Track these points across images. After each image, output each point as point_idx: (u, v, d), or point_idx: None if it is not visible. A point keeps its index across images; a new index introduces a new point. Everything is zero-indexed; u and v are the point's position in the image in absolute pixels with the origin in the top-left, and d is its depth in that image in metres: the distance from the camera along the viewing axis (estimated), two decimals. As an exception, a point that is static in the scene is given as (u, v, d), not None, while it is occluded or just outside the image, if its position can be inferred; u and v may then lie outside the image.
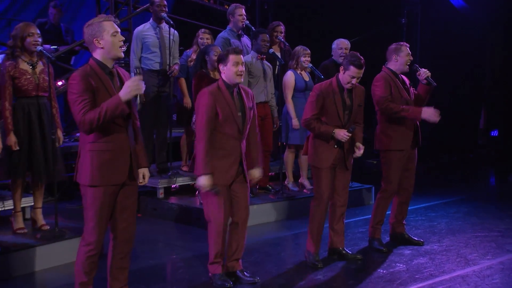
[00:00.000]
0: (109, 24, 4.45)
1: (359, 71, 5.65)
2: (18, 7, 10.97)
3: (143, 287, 5.39)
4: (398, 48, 6.37)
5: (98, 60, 4.44)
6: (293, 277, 5.68)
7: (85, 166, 4.40)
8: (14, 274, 5.60)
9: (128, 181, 4.53)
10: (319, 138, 5.81)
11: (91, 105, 4.26)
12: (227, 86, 5.20)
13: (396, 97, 6.21)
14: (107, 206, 4.44)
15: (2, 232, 6.10)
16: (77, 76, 4.34)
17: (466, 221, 7.73)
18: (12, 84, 5.86)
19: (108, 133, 4.39)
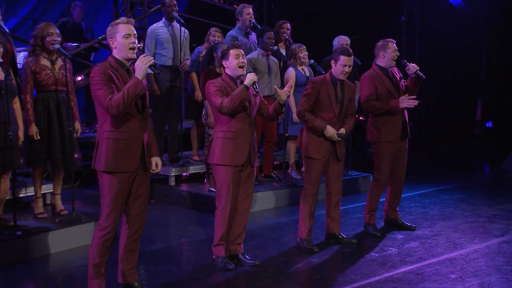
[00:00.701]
0: (123, 27, 4.52)
1: (349, 58, 5.76)
2: (43, 8, 11.03)
3: (151, 268, 5.46)
4: (385, 45, 6.38)
5: (116, 58, 4.54)
6: (291, 260, 5.74)
7: (101, 153, 4.48)
8: (34, 255, 5.68)
9: (141, 172, 4.59)
10: (312, 131, 5.87)
11: (112, 90, 4.36)
12: (230, 78, 5.29)
13: (383, 92, 6.26)
14: (122, 194, 4.51)
15: (23, 217, 6.16)
16: (97, 69, 4.45)
17: (457, 207, 7.74)
18: (33, 79, 5.96)
19: (123, 124, 4.47)
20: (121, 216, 4.59)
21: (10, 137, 5.53)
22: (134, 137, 4.51)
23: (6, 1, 10.23)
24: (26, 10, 10.81)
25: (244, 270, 5.40)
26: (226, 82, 5.27)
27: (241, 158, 5.29)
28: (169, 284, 5.08)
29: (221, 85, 5.24)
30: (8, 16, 10.27)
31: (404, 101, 6.15)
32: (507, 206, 7.76)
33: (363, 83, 6.38)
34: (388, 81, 6.32)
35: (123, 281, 4.75)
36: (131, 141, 4.49)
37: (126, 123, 4.47)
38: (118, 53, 4.53)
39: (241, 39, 8.19)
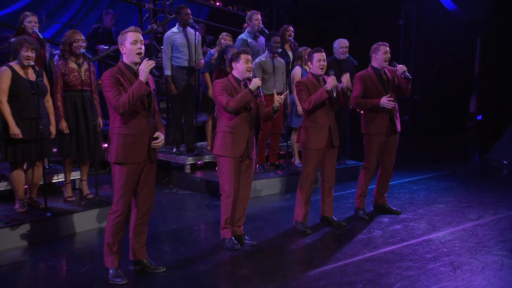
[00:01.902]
0: (131, 34, 4.59)
1: (321, 53, 5.85)
2: (81, 15, 11.15)
3: (162, 247, 5.54)
4: (376, 48, 6.37)
5: (125, 63, 4.60)
6: (286, 240, 5.77)
7: (113, 146, 4.56)
8: (61, 234, 5.80)
9: (148, 163, 4.64)
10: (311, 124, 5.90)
11: (120, 91, 4.43)
12: (235, 79, 5.34)
13: (372, 90, 6.27)
14: (131, 182, 4.57)
15: (55, 199, 6.27)
16: (107, 74, 4.53)
17: (442, 193, 7.69)
18: (62, 80, 6.07)
19: (131, 121, 4.52)
20: (130, 202, 4.65)
21: (41, 130, 5.64)
22: (141, 132, 4.56)
23: (48, 10, 10.32)
24: (66, 17, 10.93)
25: (244, 249, 5.45)
26: (232, 83, 5.32)
27: (239, 150, 5.33)
28: (175, 261, 5.14)
29: (226, 85, 5.29)
30: (50, 23, 10.40)
31: (383, 101, 6.15)
32: (487, 192, 7.68)
33: (354, 82, 6.40)
34: (378, 80, 6.31)
35: (133, 258, 4.86)
36: (139, 136, 4.55)
37: (134, 120, 4.53)
38: (127, 57, 4.61)
39: (250, 41, 8.22)
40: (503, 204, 7.09)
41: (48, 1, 10.53)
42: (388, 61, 6.37)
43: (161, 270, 4.84)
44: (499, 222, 6.33)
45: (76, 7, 10.99)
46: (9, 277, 4.87)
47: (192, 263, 5.08)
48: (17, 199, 5.94)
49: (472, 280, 4.70)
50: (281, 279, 4.72)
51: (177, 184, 7.96)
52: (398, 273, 4.86)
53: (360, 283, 4.65)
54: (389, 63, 6.45)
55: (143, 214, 4.78)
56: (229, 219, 5.41)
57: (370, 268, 4.98)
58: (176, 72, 7.77)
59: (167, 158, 8.13)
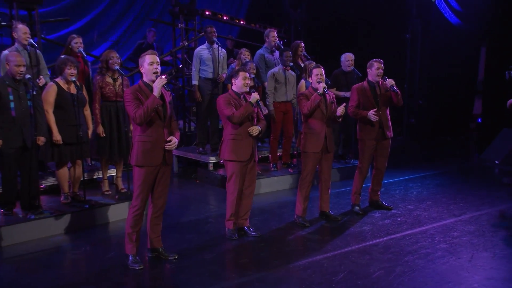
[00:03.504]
0: (149, 57, 4.71)
1: (319, 69, 5.89)
2: (129, 34, 11.34)
3: (178, 236, 5.64)
4: (371, 64, 6.34)
5: (144, 81, 4.72)
6: (286, 232, 5.79)
7: (133, 151, 4.70)
8: (97, 223, 5.99)
9: (163, 166, 4.75)
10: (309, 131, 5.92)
11: (139, 105, 4.55)
12: (235, 93, 5.41)
13: (365, 101, 6.25)
14: (148, 182, 4.69)
15: (94, 193, 6.46)
16: (128, 91, 4.67)
17: (433, 190, 7.56)
18: (100, 92, 6.26)
19: (149, 129, 4.65)
20: (147, 198, 4.78)
21: (80, 135, 5.84)
22: (157, 140, 4.68)
23: (99, 30, 10.59)
24: (115, 35, 11.15)
25: (248, 239, 5.52)
26: (233, 96, 5.40)
27: (246, 154, 5.41)
28: (188, 249, 5.23)
29: (229, 99, 5.37)
30: (101, 41, 10.67)
31: (369, 114, 6.13)
32: (475, 191, 7.52)
33: (351, 93, 6.43)
34: (371, 93, 6.27)
35: (150, 246, 4.99)
36: (155, 142, 4.67)
37: (151, 129, 4.66)
38: (145, 76, 4.73)
39: (267, 56, 8.26)
40: (487, 201, 6.94)
41: (100, 23, 10.77)
42: (381, 75, 6.31)
43: (173, 257, 4.96)
44: (479, 218, 6.21)
45: (124, 28, 11.21)
46: (51, 258, 5.07)
47: (201, 252, 5.16)
48: (62, 192, 6.16)
49: (440, 271, 4.66)
50: (274, 268, 4.77)
51: (202, 180, 8.06)
52: (377, 264, 4.85)
53: (342, 272, 4.66)
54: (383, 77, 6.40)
55: (158, 209, 4.90)
56: (234, 213, 5.49)
57: (354, 259, 4.98)
58: (202, 82, 7.89)
59: (195, 157, 8.27)
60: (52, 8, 9.82)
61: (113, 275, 4.63)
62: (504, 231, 5.75)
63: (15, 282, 4.54)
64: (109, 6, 10.93)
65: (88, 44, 10.15)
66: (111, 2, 10.96)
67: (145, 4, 11.38)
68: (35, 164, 5.70)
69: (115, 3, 11.02)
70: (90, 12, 10.61)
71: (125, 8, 11.17)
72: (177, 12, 8.74)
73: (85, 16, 10.51)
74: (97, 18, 10.73)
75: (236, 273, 4.71)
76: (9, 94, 5.41)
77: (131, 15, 11.22)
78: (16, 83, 5.45)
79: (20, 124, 5.44)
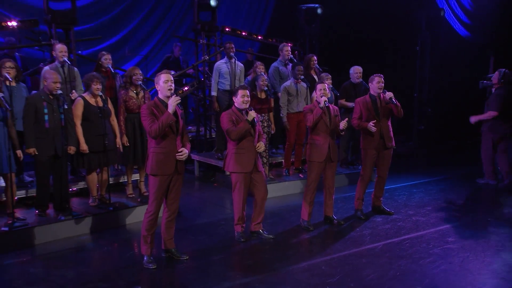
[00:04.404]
0: (164, 76, 4.81)
1: (322, 84, 5.95)
2: (158, 48, 11.48)
3: (191, 237, 5.72)
4: (372, 78, 6.32)
5: (160, 98, 4.82)
6: (290, 235, 5.80)
7: (149, 162, 4.81)
8: (120, 224, 6.11)
9: (175, 175, 4.84)
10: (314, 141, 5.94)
11: (154, 121, 4.66)
12: (238, 109, 5.46)
13: (367, 114, 6.22)
14: (161, 189, 4.79)
15: (119, 195, 6.57)
16: (145, 106, 4.78)
17: (435, 196, 7.43)
18: (125, 105, 6.41)
19: (163, 142, 4.75)
20: (161, 204, 4.87)
21: (106, 144, 5.98)
22: (170, 151, 4.77)
23: (131, 45, 10.78)
24: (146, 50, 11.29)
25: (255, 242, 5.55)
26: (235, 112, 5.45)
27: (249, 166, 5.46)
28: (199, 250, 5.31)
29: (231, 115, 5.42)
30: (133, 55, 10.87)
31: (368, 125, 6.11)
32: (474, 196, 7.43)
33: (355, 106, 6.41)
34: (372, 106, 6.25)
35: (164, 247, 5.09)
36: (168, 154, 4.77)
37: (164, 141, 4.76)
38: (161, 93, 4.83)
39: (281, 68, 8.29)
40: (482, 207, 6.84)
41: (131, 39, 10.97)
42: (381, 89, 6.28)
43: (184, 258, 5.05)
44: (475, 224, 6.13)
45: (153, 43, 11.36)
46: (76, 256, 5.25)
47: (210, 253, 5.23)
48: (91, 195, 6.33)
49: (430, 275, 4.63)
50: (275, 270, 4.82)
51: (220, 183, 8.12)
52: (372, 268, 4.85)
53: (338, 275, 4.68)
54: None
55: (171, 213, 4.99)
56: (241, 217, 5.55)
57: (351, 262, 4.98)
58: (220, 94, 7.99)
59: (214, 162, 8.35)
60: (88, 26, 10.06)
61: (129, 273, 4.76)
62: (496, 237, 5.66)
63: (42, 278, 4.72)
64: (140, 24, 11.13)
65: (120, 58, 10.42)
66: (142, 21, 11.16)
67: (172, 22, 11.53)
68: (66, 171, 5.90)
69: (145, 21, 11.21)
70: (123, 30, 10.83)
71: (154, 26, 11.35)
72: (199, 29, 8.85)
73: (118, 33, 10.73)
74: (128, 35, 10.94)
75: (239, 274, 4.76)
76: (44, 107, 5.61)
77: (159, 32, 11.39)
78: (50, 98, 5.64)
79: (53, 135, 5.63)
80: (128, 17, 10.96)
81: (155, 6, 11.31)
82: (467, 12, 12.85)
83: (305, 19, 10.23)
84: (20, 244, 5.41)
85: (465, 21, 12.83)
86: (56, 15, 7.58)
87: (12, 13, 9.47)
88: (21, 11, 9.50)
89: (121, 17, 10.79)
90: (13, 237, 5.43)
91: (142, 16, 11.12)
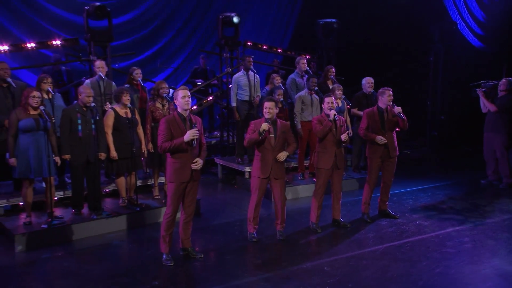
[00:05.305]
0: (182, 92, 4.93)
1: (330, 98, 5.93)
2: (188, 61, 11.64)
3: (208, 237, 5.81)
4: (382, 92, 6.28)
5: (178, 112, 4.93)
6: (299, 236, 5.82)
7: (167, 170, 4.97)
8: (146, 223, 6.26)
9: (191, 182, 4.95)
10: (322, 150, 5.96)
11: (168, 138, 4.79)
12: (265, 119, 5.51)
13: (373, 125, 6.20)
14: (178, 194, 4.92)
15: (146, 197, 6.73)
16: (163, 120, 4.90)
17: (441, 201, 7.30)
18: (151, 115, 6.58)
19: (178, 153, 4.86)
20: (178, 207, 4.98)
21: (133, 151, 6.17)
22: (186, 161, 4.88)
23: (162, 59, 10.97)
24: (177, 63, 11.48)
25: (267, 242, 5.58)
26: (261, 122, 5.52)
27: (265, 172, 5.53)
28: (214, 249, 5.41)
29: (256, 125, 5.49)
30: (164, 67, 11.10)
31: (377, 138, 6.10)
32: (477, 201, 7.25)
33: (363, 117, 6.39)
34: (379, 117, 6.23)
35: (182, 245, 5.21)
36: (183, 163, 4.87)
37: (180, 154, 4.87)
38: (179, 107, 4.94)
39: (298, 80, 8.35)
40: (485, 213, 6.68)
41: (163, 53, 11.19)
42: (391, 101, 6.26)
43: (200, 256, 5.16)
44: (474, 229, 6.02)
45: (183, 57, 11.55)
46: (103, 252, 5.43)
47: (223, 252, 5.32)
48: (120, 196, 6.54)
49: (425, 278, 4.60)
50: (280, 269, 4.86)
51: (240, 186, 8.23)
52: (371, 269, 4.84)
53: (338, 276, 4.69)
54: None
55: (188, 216, 5.10)
56: (253, 218, 5.61)
57: (352, 264, 4.99)
58: (240, 104, 8.10)
59: (236, 167, 8.46)
60: (125, 41, 10.35)
61: (149, 269, 4.90)
62: (493, 242, 5.55)
63: (72, 272, 4.91)
64: (171, 40, 11.36)
65: (152, 70, 10.65)
66: (173, 37, 11.39)
67: (201, 38, 11.73)
68: (98, 175, 6.12)
69: (176, 37, 11.44)
70: (155, 45, 11.08)
71: (184, 42, 11.57)
72: (223, 43, 8.99)
73: (151, 48, 10.99)
74: (161, 49, 11.18)
75: (247, 273, 4.83)
76: (78, 119, 5.84)
77: (189, 46, 11.59)
78: (84, 110, 5.87)
79: (85, 143, 5.86)
80: (161, 34, 11.21)
81: (185, 24, 11.54)
82: (480, 24, 12.56)
83: (322, 33, 10.24)
84: (57, 240, 5.64)
85: (478, 32, 12.54)
86: (94, 34, 7.90)
87: (58, 29, 9.86)
88: (66, 27, 9.89)
89: (154, 33, 11.04)
90: (51, 234, 5.67)
91: (173, 33, 11.35)
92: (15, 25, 9.61)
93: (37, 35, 9.27)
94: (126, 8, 10.66)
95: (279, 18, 12.44)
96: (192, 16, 11.58)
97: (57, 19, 9.97)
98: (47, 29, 9.79)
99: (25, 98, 5.58)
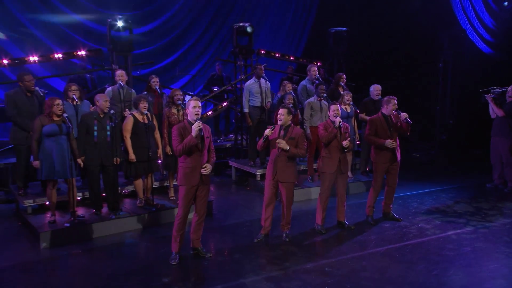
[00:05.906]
0: (192, 102, 5.01)
1: (335, 106, 5.94)
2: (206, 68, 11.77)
3: (218, 236, 5.87)
4: (388, 100, 6.25)
5: (189, 120, 5.01)
6: (304, 237, 5.82)
7: (178, 174, 5.04)
8: (161, 222, 6.34)
9: (201, 185, 5.01)
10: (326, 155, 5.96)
11: (181, 141, 4.89)
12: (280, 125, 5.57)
13: (380, 132, 6.18)
14: (188, 197, 4.98)
15: (162, 197, 6.84)
16: (175, 127, 4.99)
17: (444, 204, 7.19)
18: (167, 120, 6.69)
19: (189, 158, 4.94)
20: (188, 209, 5.04)
21: (150, 154, 6.28)
22: (195, 166, 4.95)
23: (181, 67, 11.12)
24: (195, 70, 11.60)
25: (274, 242, 5.61)
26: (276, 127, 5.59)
27: (271, 173, 5.58)
28: (222, 249, 5.45)
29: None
30: (183, 74, 11.23)
31: (387, 142, 6.06)
32: (481, 204, 7.13)
33: (368, 124, 6.35)
34: (385, 124, 6.20)
35: (192, 245, 5.28)
36: (193, 168, 4.95)
37: (190, 158, 4.95)
38: (189, 116, 5.02)
39: (308, 86, 8.37)
40: (487, 217, 6.57)
41: (182, 61, 11.35)
42: (395, 109, 6.23)
43: (209, 256, 5.22)
44: (474, 232, 5.93)
45: (201, 65, 11.67)
46: (118, 250, 5.54)
47: (231, 252, 5.36)
48: (138, 197, 6.66)
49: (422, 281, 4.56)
50: (283, 269, 4.88)
51: (252, 188, 8.27)
52: (370, 271, 4.83)
53: (338, 276, 4.70)
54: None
55: (199, 217, 5.17)
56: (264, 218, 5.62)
57: (352, 265, 4.98)
58: (252, 110, 8.15)
59: (249, 169, 8.51)
60: (146, 49, 10.52)
61: (159, 267, 4.99)
62: (492, 246, 5.46)
63: (87, 268, 5.03)
64: (189, 49, 11.52)
65: (171, 77, 10.80)
66: (191, 46, 11.54)
67: (218, 47, 11.85)
68: (116, 177, 6.23)
69: (194, 46, 11.59)
70: (174, 53, 11.23)
71: (202, 51, 11.70)
72: (237, 52, 9.07)
73: (170, 56, 11.15)
74: (179, 58, 11.33)
75: (252, 272, 4.86)
76: (94, 125, 5.99)
77: (207, 55, 11.71)
78: (101, 117, 6.01)
79: (99, 148, 5.99)
80: (180, 43, 11.36)
81: (203, 34, 11.68)
82: (490, 31, 12.33)
83: (334, 41, 10.22)
84: (78, 238, 5.78)
85: (488, 39, 12.31)
86: (116, 44, 8.08)
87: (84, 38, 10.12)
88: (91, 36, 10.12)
89: (174, 42, 11.20)
90: (73, 232, 5.82)
91: (192, 42, 11.48)
92: (46, 34, 9.88)
93: (66, 44, 9.53)
94: (149, 19, 10.85)
95: (293, 27, 12.50)
96: (210, 26, 11.72)
97: (83, 28, 10.23)
98: (75, 38, 10.04)
99: (48, 107, 5.73)
